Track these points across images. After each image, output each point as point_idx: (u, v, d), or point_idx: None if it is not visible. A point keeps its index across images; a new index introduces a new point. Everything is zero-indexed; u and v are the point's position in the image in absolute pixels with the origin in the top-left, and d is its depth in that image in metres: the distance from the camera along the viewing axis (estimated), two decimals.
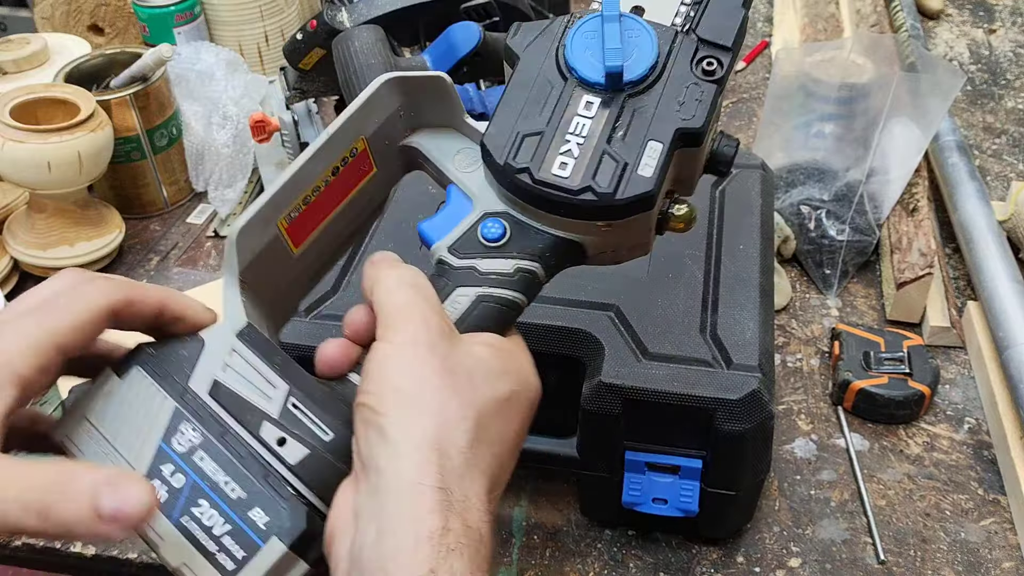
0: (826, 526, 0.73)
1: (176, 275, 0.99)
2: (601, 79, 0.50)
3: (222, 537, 0.41)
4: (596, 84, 0.50)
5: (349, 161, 0.51)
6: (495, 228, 0.50)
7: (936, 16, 1.43)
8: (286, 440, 0.43)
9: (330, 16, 0.96)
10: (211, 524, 0.41)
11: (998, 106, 1.23)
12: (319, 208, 0.50)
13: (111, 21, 1.24)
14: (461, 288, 0.48)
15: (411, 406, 0.41)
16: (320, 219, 0.51)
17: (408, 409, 0.41)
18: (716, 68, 0.50)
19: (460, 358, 0.44)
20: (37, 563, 0.75)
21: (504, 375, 0.45)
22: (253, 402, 0.44)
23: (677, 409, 0.63)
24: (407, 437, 0.40)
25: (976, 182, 0.97)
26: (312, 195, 0.49)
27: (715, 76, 0.50)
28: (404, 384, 0.42)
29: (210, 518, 0.41)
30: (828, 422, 0.81)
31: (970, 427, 0.80)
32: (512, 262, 0.49)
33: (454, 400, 0.42)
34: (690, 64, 0.50)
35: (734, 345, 0.65)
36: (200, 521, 0.41)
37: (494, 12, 0.99)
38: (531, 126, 0.49)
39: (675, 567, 0.70)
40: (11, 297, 0.95)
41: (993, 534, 0.72)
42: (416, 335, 0.43)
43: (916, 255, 0.88)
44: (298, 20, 1.25)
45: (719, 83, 0.50)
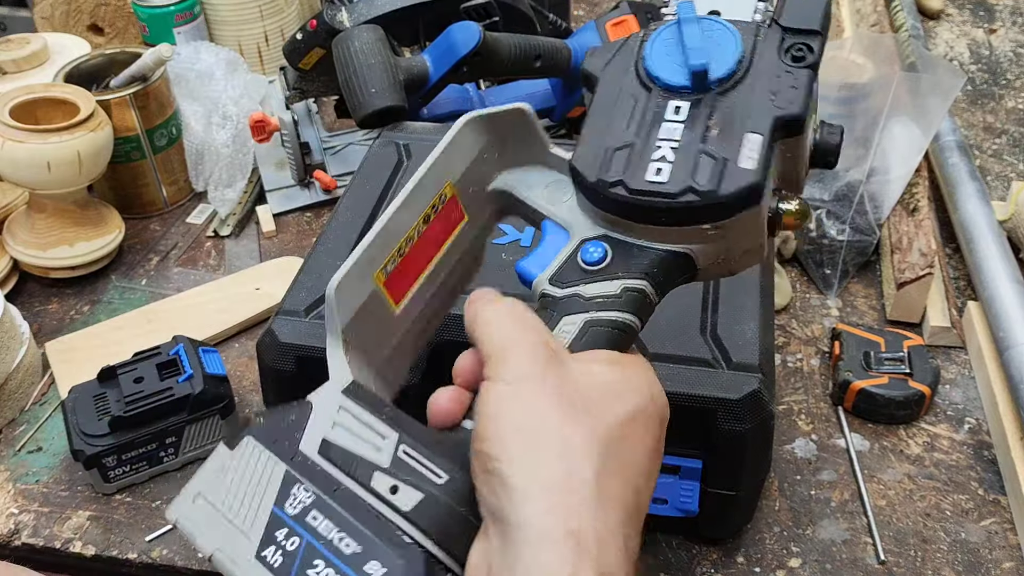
0: (826, 526, 0.73)
1: (176, 275, 0.99)
2: (687, 81, 0.47)
3: None
4: (682, 88, 0.48)
5: (439, 209, 0.49)
6: (595, 251, 0.47)
7: (936, 16, 1.43)
8: (398, 488, 0.41)
9: (330, 16, 0.96)
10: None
11: (998, 106, 1.23)
12: (415, 261, 0.48)
13: (111, 21, 1.24)
14: (567, 317, 0.45)
15: (530, 446, 0.38)
16: (417, 273, 0.49)
17: (527, 450, 0.38)
18: (806, 54, 0.48)
19: (575, 381, 0.41)
20: (37, 563, 0.75)
21: (626, 392, 0.42)
22: (363, 455, 0.42)
23: (677, 409, 0.62)
24: (531, 481, 0.37)
25: (976, 182, 0.97)
26: (406, 246, 0.47)
27: (807, 61, 0.47)
28: (520, 423, 0.39)
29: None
30: (828, 422, 0.81)
31: (970, 427, 0.80)
32: (617, 283, 0.46)
33: (575, 430, 0.39)
34: (778, 54, 0.48)
35: (734, 345, 0.64)
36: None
37: (494, 12, 0.99)
38: (620, 140, 0.47)
39: (675, 567, 0.70)
40: (10, 298, 0.95)
41: (993, 534, 0.72)
42: (525, 368, 0.40)
43: (916, 255, 0.88)
44: (298, 20, 1.25)
45: (813, 68, 0.48)
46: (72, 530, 0.74)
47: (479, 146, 0.50)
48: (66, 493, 0.77)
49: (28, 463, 0.79)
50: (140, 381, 0.75)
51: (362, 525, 0.41)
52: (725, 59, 0.48)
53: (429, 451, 0.42)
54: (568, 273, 0.47)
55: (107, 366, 0.77)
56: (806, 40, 0.49)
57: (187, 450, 0.77)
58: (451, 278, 0.52)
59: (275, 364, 0.68)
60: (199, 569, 0.71)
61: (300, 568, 0.40)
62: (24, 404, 0.85)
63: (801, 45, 0.48)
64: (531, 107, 0.49)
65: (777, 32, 0.49)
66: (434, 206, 0.49)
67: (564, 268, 0.47)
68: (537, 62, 0.92)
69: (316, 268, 0.72)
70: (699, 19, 0.49)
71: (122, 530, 0.73)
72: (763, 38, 0.49)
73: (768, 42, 0.49)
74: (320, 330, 0.67)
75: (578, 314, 0.45)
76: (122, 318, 0.92)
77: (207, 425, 0.77)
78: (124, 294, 0.97)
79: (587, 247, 0.47)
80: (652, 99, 0.48)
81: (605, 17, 0.99)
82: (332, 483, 0.42)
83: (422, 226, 0.48)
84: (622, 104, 0.49)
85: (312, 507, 0.42)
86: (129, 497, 0.76)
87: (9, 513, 0.75)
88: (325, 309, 0.45)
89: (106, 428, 0.73)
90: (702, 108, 0.47)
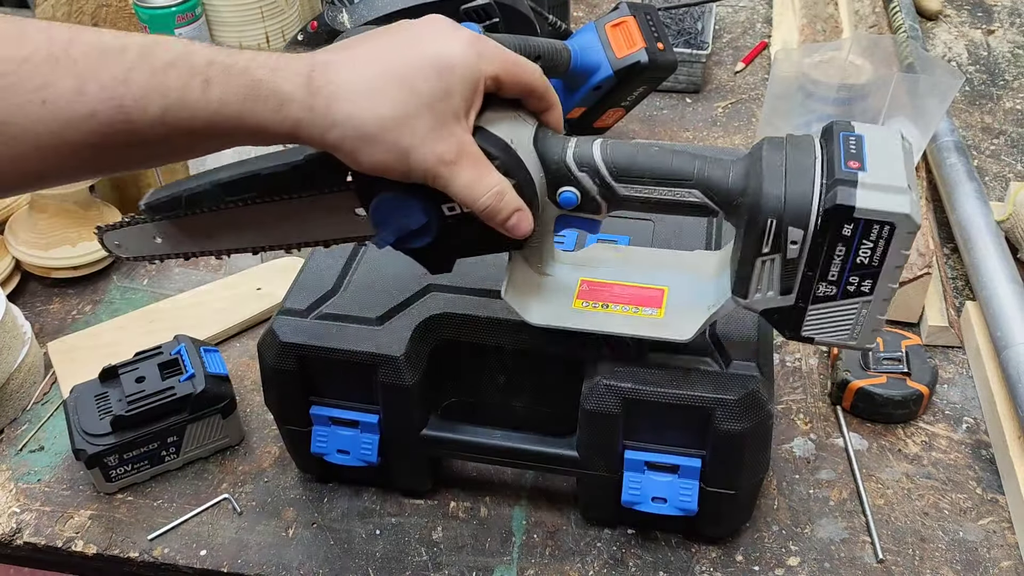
0: (825, 525, 0.73)
1: (177, 275, 0.99)
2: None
3: None
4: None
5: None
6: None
7: (934, 17, 1.43)
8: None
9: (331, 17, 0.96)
10: None
11: (996, 106, 1.24)
12: None
13: (112, 22, 1.24)
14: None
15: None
16: None
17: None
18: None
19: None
20: (38, 562, 0.76)
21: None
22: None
23: (676, 409, 0.63)
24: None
25: (974, 182, 0.97)
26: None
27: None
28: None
29: None
30: (827, 421, 0.81)
31: (968, 426, 0.81)
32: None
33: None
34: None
35: (733, 345, 0.65)
36: None
37: (494, 13, 1.00)
38: None
39: (675, 566, 0.70)
40: (12, 297, 0.95)
41: (991, 533, 0.72)
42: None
43: (915, 255, 0.89)
44: (299, 21, 1.26)
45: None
46: (74, 529, 0.74)
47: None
48: (68, 492, 0.77)
49: (30, 462, 0.80)
50: (142, 380, 0.76)
51: None
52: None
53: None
54: None
55: (108, 366, 0.77)
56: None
57: (189, 449, 0.78)
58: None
59: (276, 364, 0.68)
60: (200, 568, 0.71)
61: None
62: (26, 404, 0.85)
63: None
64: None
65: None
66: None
67: None
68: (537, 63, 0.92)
69: (316, 268, 0.72)
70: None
71: (124, 529, 0.74)
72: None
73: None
74: (321, 330, 0.67)
75: None
76: (124, 318, 0.92)
77: (209, 424, 0.77)
78: (126, 294, 0.97)
79: None
80: None
81: (604, 18, 0.99)
82: None
83: None
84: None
85: None
86: (131, 496, 0.76)
87: (11, 512, 0.75)
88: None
89: (108, 427, 0.74)
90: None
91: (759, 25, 1.43)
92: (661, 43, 0.98)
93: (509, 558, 0.71)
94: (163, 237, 0.63)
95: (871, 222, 0.53)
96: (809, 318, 0.58)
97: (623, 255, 0.67)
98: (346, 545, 0.72)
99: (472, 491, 0.76)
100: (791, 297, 0.57)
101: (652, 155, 0.57)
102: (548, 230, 0.61)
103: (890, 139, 0.56)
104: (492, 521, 0.74)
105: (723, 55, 1.36)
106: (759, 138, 1.09)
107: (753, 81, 1.30)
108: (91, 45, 0.46)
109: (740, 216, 0.56)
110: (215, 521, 0.74)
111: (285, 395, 0.71)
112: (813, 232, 0.54)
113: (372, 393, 0.68)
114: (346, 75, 0.49)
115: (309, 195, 0.59)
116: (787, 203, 0.53)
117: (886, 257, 0.54)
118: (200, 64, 0.47)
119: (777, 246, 0.55)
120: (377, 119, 0.49)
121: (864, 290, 0.56)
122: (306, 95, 0.48)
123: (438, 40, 0.51)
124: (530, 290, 0.63)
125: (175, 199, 0.60)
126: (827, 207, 0.53)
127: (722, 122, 1.21)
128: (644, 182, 0.57)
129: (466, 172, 0.52)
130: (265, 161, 0.59)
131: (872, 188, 0.52)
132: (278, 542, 0.72)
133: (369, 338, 0.67)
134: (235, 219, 0.61)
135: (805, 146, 0.56)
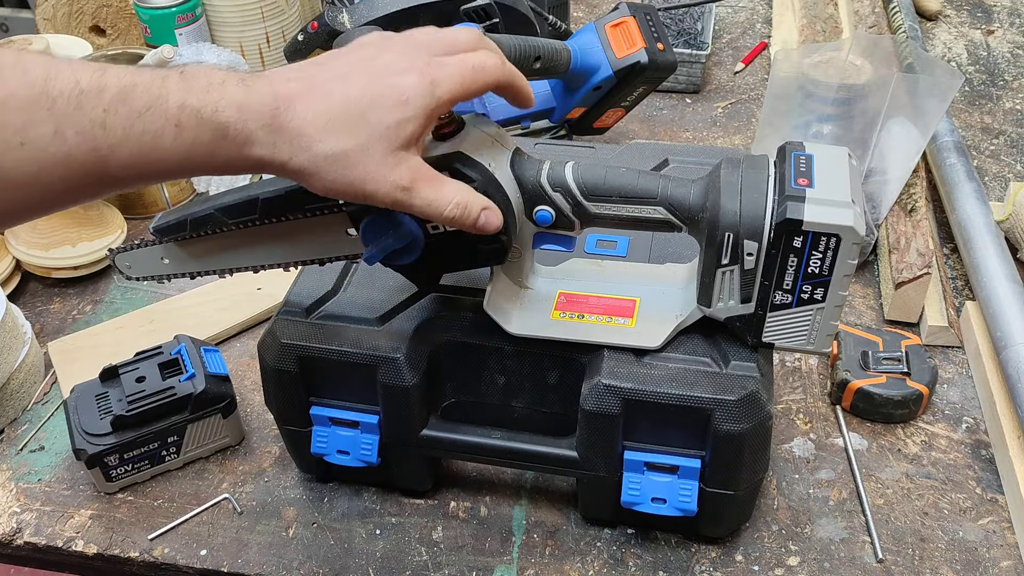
0: (824, 525, 0.73)
1: None
2: None
3: None
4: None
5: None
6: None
7: (934, 17, 1.44)
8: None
9: (331, 17, 0.96)
10: None
11: (996, 107, 1.24)
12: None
13: (113, 22, 1.24)
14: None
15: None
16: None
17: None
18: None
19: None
20: (38, 562, 0.76)
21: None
22: None
23: (676, 409, 0.63)
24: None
25: (974, 182, 0.97)
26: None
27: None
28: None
29: None
30: (826, 421, 0.81)
31: (968, 426, 0.81)
32: None
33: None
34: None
35: (732, 346, 0.65)
36: None
37: (494, 14, 1.00)
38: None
39: (674, 566, 0.70)
40: (13, 297, 0.95)
41: (991, 533, 0.72)
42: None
43: (914, 255, 0.89)
44: (299, 21, 1.26)
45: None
46: (74, 529, 0.74)
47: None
48: (68, 492, 0.77)
49: (30, 462, 0.80)
50: (142, 380, 0.76)
51: None
52: None
53: None
54: None
55: (109, 365, 0.77)
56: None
57: (189, 449, 0.78)
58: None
59: (276, 364, 0.68)
60: (200, 568, 0.71)
61: None
62: (26, 403, 0.85)
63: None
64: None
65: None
66: None
67: None
68: (537, 63, 0.92)
69: (316, 269, 0.72)
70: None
71: (124, 529, 0.74)
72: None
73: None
74: (321, 330, 0.68)
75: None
76: (124, 318, 0.93)
77: (209, 424, 0.77)
78: (126, 294, 0.97)
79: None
80: None
81: (604, 19, 0.99)
82: None
83: None
84: None
85: None
86: (131, 496, 0.76)
87: (11, 512, 0.75)
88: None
89: (108, 427, 0.74)
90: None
91: (759, 25, 1.43)
92: (661, 43, 0.98)
93: (509, 558, 0.71)
94: (170, 258, 0.66)
95: (819, 234, 0.58)
96: (768, 325, 0.62)
97: (600, 268, 0.70)
98: (346, 545, 0.72)
99: (472, 491, 0.76)
100: (751, 305, 0.62)
101: (620, 175, 0.61)
102: (527, 246, 0.65)
103: (838, 158, 0.60)
104: (492, 521, 0.74)
105: (723, 55, 1.36)
106: (759, 138, 1.09)
107: (753, 81, 1.30)
108: (69, 83, 0.47)
109: (701, 231, 0.61)
110: (215, 521, 0.74)
111: (285, 395, 0.71)
112: (767, 244, 0.59)
113: (372, 394, 0.68)
114: (305, 110, 0.52)
115: (304, 217, 0.62)
116: (742, 217, 0.58)
117: (835, 266, 0.59)
118: (173, 109, 0.49)
119: (735, 258, 0.59)
120: (332, 152, 0.52)
121: (817, 298, 0.60)
122: (268, 133, 0.51)
123: (393, 69, 0.54)
124: (511, 302, 0.67)
125: (181, 223, 0.64)
126: (778, 221, 0.58)
127: (722, 122, 1.21)
128: (613, 200, 0.61)
129: (423, 192, 0.55)
130: (264, 187, 0.62)
131: (819, 203, 0.57)
132: (278, 542, 0.73)
133: (369, 339, 0.67)
134: (236, 241, 0.65)
135: (760, 165, 0.60)
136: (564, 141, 1.05)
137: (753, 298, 0.61)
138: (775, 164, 0.60)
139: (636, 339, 0.65)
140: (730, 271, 0.60)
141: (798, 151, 0.60)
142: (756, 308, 0.62)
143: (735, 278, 0.60)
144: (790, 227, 0.57)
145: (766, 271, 0.59)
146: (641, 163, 0.79)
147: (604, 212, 0.61)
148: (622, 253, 0.73)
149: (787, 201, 0.57)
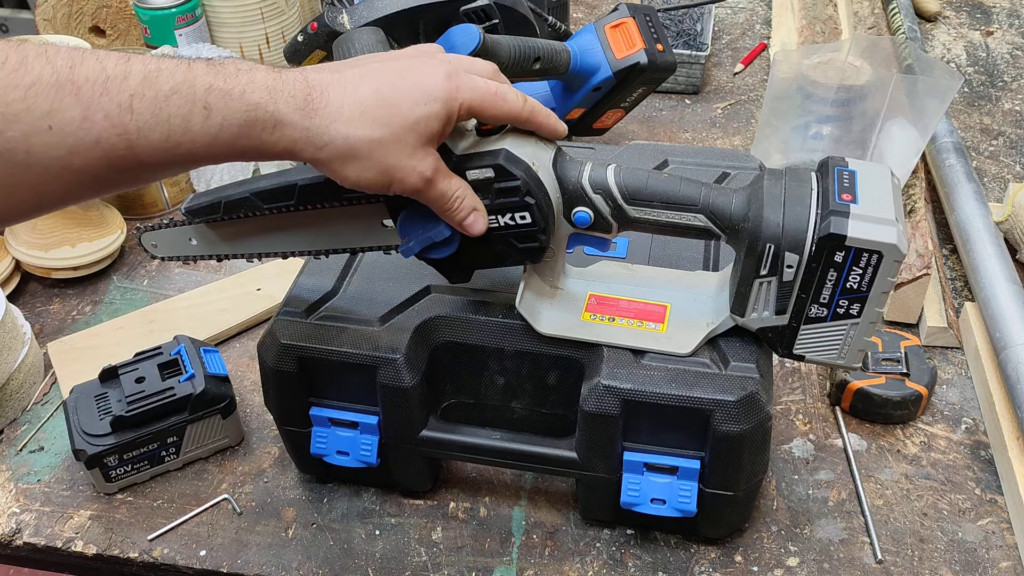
0: (824, 526, 0.73)
1: (177, 276, 0.99)
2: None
3: None
4: None
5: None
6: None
7: (933, 18, 1.44)
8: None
9: (331, 18, 0.96)
10: None
11: (995, 108, 1.24)
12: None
13: (112, 23, 1.24)
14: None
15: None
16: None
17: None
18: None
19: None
20: (38, 562, 0.76)
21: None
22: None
23: (675, 410, 0.63)
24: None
25: (973, 183, 0.97)
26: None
27: None
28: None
29: None
30: (826, 422, 0.81)
31: (967, 427, 0.81)
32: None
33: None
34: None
35: (732, 347, 0.65)
36: None
37: (493, 14, 1.00)
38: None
39: (674, 566, 0.70)
40: (12, 298, 0.95)
41: (990, 534, 0.72)
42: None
43: (913, 256, 0.89)
44: (299, 22, 1.26)
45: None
46: (73, 529, 0.74)
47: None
48: (67, 493, 0.77)
49: (30, 463, 0.80)
50: (141, 381, 0.76)
51: None
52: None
53: None
54: None
55: (108, 366, 0.77)
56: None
57: (188, 450, 0.78)
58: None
59: (276, 364, 0.68)
60: (200, 568, 0.71)
61: None
62: (26, 404, 0.85)
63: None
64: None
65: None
66: None
67: None
68: (536, 64, 0.92)
69: (316, 269, 0.73)
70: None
71: (123, 529, 0.74)
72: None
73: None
74: (321, 330, 0.68)
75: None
76: (124, 318, 0.93)
77: (208, 425, 0.77)
78: (126, 294, 0.97)
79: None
80: None
81: (604, 19, 0.99)
82: None
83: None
84: None
85: None
86: (130, 496, 0.76)
87: (11, 512, 0.75)
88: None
89: (107, 428, 0.74)
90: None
91: (758, 26, 1.43)
92: (660, 44, 0.99)
93: (508, 558, 0.71)
94: (198, 239, 0.67)
95: (861, 250, 0.57)
96: (801, 337, 0.62)
97: (631, 272, 0.70)
98: (346, 545, 0.72)
99: (472, 492, 0.76)
100: (785, 317, 0.61)
101: (662, 181, 0.61)
102: (561, 246, 0.65)
103: (881, 175, 0.60)
104: (492, 521, 0.74)
105: (722, 56, 1.36)
106: (758, 139, 1.09)
107: (752, 82, 1.30)
108: (94, 70, 0.47)
109: (741, 240, 0.60)
110: (215, 521, 0.74)
111: (285, 396, 0.71)
112: (808, 257, 0.58)
113: (372, 394, 0.68)
114: (340, 98, 0.53)
115: (341, 206, 0.63)
116: (785, 230, 0.58)
117: (874, 283, 0.58)
118: (200, 91, 0.49)
119: (774, 269, 0.59)
120: (367, 140, 0.53)
121: (852, 313, 0.60)
122: (302, 117, 0.52)
123: (422, 70, 0.55)
124: (542, 301, 0.66)
125: (214, 204, 0.64)
126: (821, 235, 0.57)
127: (721, 123, 1.21)
128: (654, 205, 0.61)
129: (440, 185, 0.57)
130: (302, 172, 0.62)
131: (863, 219, 0.57)
132: (278, 542, 0.73)
133: (369, 339, 0.67)
134: (269, 225, 0.65)
135: (803, 178, 0.60)
136: (564, 141, 1.05)
137: (788, 310, 0.61)
138: (817, 178, 0.60)
139: (667, 344, 0.65)
140: (767, 282, 0.60)
141: (841, 166, 0.60)
142: (790, 320, 0.61)
143: (772, 289, 0.60)
144: (833, 242, 0.57)
145: (804, 284, 0.59)
146: (640, 164, 0.79)
147: (643, 217, 0.61)
148: (621, 254, 0.73)
149: (831, 216, 0.57)
